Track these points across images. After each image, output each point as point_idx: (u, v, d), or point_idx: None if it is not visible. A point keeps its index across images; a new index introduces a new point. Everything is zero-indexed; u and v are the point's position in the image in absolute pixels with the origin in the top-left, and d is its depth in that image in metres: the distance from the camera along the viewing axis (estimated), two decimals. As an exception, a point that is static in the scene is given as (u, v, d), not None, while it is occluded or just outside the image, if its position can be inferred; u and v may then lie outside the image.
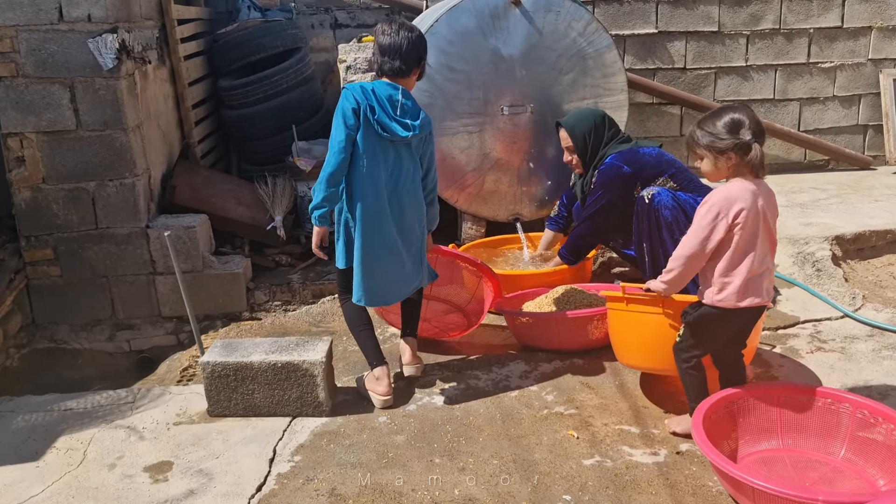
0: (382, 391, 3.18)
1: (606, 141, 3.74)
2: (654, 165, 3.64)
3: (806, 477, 2.56)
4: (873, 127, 6.16)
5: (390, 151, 3.10)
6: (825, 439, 2.64)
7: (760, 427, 2.71)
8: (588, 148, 3.74)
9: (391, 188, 3.11)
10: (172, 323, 4.44)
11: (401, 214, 3.15)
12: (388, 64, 3.08)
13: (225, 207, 4.74)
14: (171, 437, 3.06)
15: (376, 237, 3.12)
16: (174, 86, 4.98)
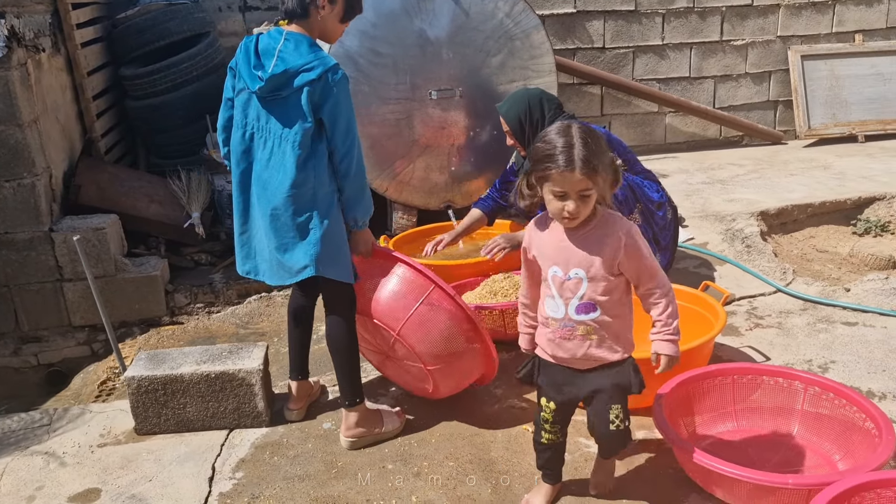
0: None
1: (551, 119, 3.66)
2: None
3: (765, 457, 2.56)
4: (783, 102, 6.36)
5: (252, 109, 2.54)
6: (780, 418, 2.66)
7: (716, 409, 2.70)
8: (525, 130, 3.65)
9: (242, 150, 2.59)
10: (85, 332, 4.13)
11: (258, 186, 2.59)
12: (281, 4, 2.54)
13: (136, 206, 4.42)
14: (97, 461, 2.80)
15: (239, 203, 2.72)
16: (72, 76, 4.60)
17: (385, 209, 4.56)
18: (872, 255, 4.19)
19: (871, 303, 3.57)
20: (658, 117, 6.20)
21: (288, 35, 2.49)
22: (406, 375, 2.95)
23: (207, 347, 3.08)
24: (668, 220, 3.60)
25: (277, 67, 2.43)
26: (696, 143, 6.31)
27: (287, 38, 2.48)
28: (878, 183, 5.08)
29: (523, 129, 3.65)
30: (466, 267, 3.87)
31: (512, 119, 3.65)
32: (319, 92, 2.44)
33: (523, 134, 3.67)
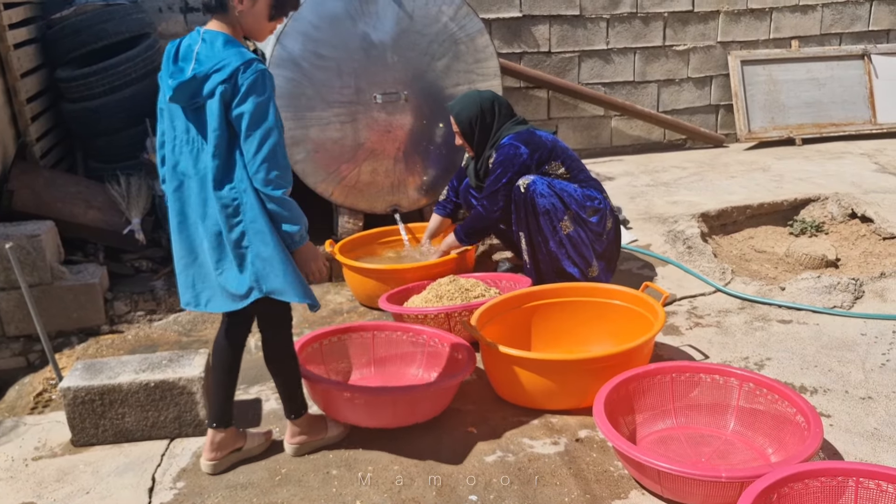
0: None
1: (500, 123, 3.68)
2: (550, 149, 3.63)
3: (700, 452, 2.62)
4: (724, 107, 6.52)
5: (178, 118, 2.35)
6: (716, 414, 2.72)
7: (656, 407, 2.74)
8: (475, 132, 3.67)
9: (171, 165, 2.41)
10: (19, 343, 3.99)
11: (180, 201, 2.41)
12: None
13: (73, 212, 4.30)
14: (32, 475, 2.72)
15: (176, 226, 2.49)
16: (4, 78, 4.46)
17: (331, 214, 4.52)
18: (807, 255, 4.32)
19: (804, 301, 3.68)
20: (604, 121, 6.29)
21: (205, 34, 2.28)
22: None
23: (147, 356, 3.02)
24: (604, 227, 3.63)
25: (193, 71, 2.23)
26: (641, 146, 6.42)
27: (203, 38, 2.26)
28: (814, 185, 5.24)
29: (473, 132, 3.68)
30: (412, 271, 3.87)
31: (463, 121, 3.68)
32: (230, 92, 2.22)
33: (473, 137, 3.69)
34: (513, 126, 3.67)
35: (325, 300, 4.20)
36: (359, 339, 3.23)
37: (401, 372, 3.21)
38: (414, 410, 2.80)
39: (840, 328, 3.46)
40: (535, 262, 3.69)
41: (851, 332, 3.43)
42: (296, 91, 4.06)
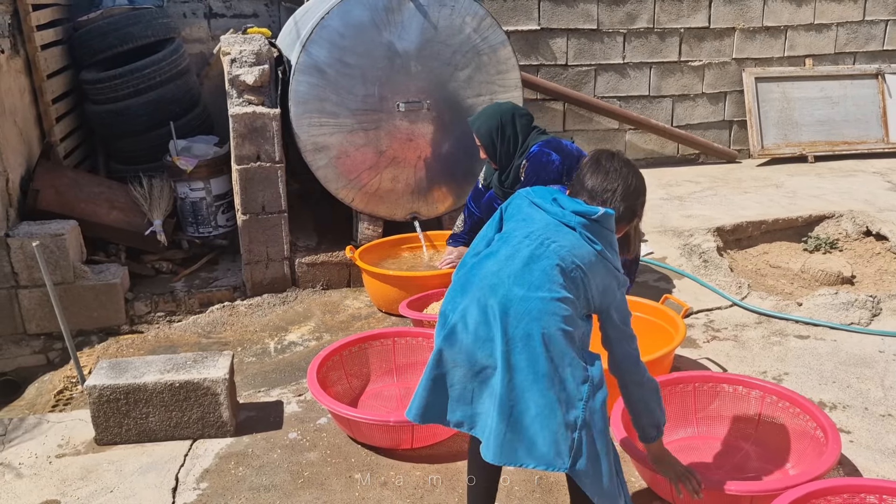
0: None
1: (524, 133, 3.70)
2: (577, 158, 3.66)
3: (721, 464, 2.64)
4: (738, 122, 6.55)
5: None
6: (738, 425, 2.74)
7: (677, 416, 2.76)
8: (497, 146, 3.70)
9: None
10: (40, 341, 4.03)
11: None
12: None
13: (96, 212, 4.35)
14: (55, 472, 2.74)
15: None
16: (31, 78, 4.51)
17: (351, 220, 4.56)
18: (822, 271, 4.34)
19: (821, 317, 3.70)
20: (618, 134, 6.33)
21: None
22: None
23: (171, 356, 3.05)
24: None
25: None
26: (655, 159, 6.45)
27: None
28: (828, 202, 5.26)
29: (495, 146, 3.69)
30: (433, 278, 3.89)
31: (484, 135, 3.69)
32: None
33: (495, 150, 3.71)
34: (538, 135, 3.71)
35: (343, 305, 4.23)
36: (380, 347, 3.24)
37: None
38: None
39: (858, 345, 3.48)
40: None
41: (869, 348, 3.45)
42: (320, 98, 4.10)
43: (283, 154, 4.19)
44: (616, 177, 2.12)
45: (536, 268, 1.94)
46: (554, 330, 1.88)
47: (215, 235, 4.71)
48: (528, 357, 1.88)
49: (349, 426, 2.81)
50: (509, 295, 1.92)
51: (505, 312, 1.91)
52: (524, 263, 1.96)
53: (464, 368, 1.98)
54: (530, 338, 1.88)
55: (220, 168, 4.62)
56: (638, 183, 2.16)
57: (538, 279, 1.92)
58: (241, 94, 4.11)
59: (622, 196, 2.11)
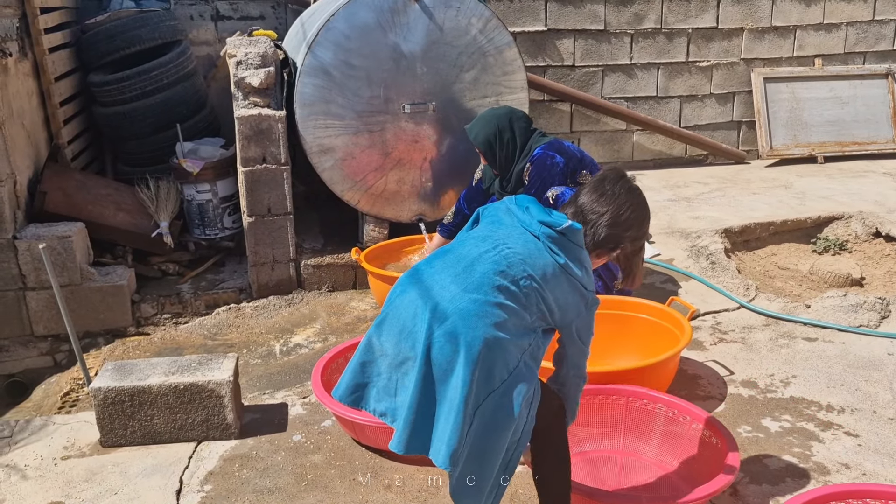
0: None
1: (523, 136, 3.68)
2: (579, 159, 3.65)
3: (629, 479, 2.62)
4: (746, 123, 6.51)
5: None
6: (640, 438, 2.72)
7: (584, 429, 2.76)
8: (496, 152, 3.66)
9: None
10: (47, 342, 4.05)
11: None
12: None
13: (103, 214, 4.36)
14: (60, 474, 2.75)
15: None
16: (38, 81, 4.53)
17: (356, 221, 4.56)
18: (831, 273, 4.31)
19: (830, 319, 3.67)
20: (626, 135, 6.30)
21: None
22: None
23: (176, 358, 3.05)
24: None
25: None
26: (663, 160, 6.42)
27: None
28: (837, 203, 5.23)
29: (495, 152, 3.66)
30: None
31: (482, 143, 3.66)
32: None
33: (495, 156, 3.68)
34: (539, 137, 3.69)
35: (349, 307, 4.23)
36: None
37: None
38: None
39: (866, 347, 3.45)
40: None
41: (878, 351, 3.41)
42: (326, 99, 4.10)
43: (289, 156, 4.20)
44: (610, 201, 2.07)
45: (479, 270, 1.90)
46: (480, 334, 1.82)
47: (221, 237, 4.72)
48: (445, 354, 1.83)
49: (353, 429, 2.81)
50: (443, 292, 1.89)
51: (434, 308, 1.86)
52: (469, 264, 1.93)
53: (389, 358, 1.95)
54: (453, 336, 1.82)
55: (226, 170, 4.63)
56: (632, 215, 2.08)
57: (477, 281, 1.88)
58: (247, 96, 4.12)
59: (608, 222, 2.05)
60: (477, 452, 1.87)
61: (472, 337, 1.82)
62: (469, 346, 1.81)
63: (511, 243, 1.96)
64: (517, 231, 1.99)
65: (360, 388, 2.00)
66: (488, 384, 1.85)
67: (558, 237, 1.96)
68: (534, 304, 1.92)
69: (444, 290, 1.89)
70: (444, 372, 1.83)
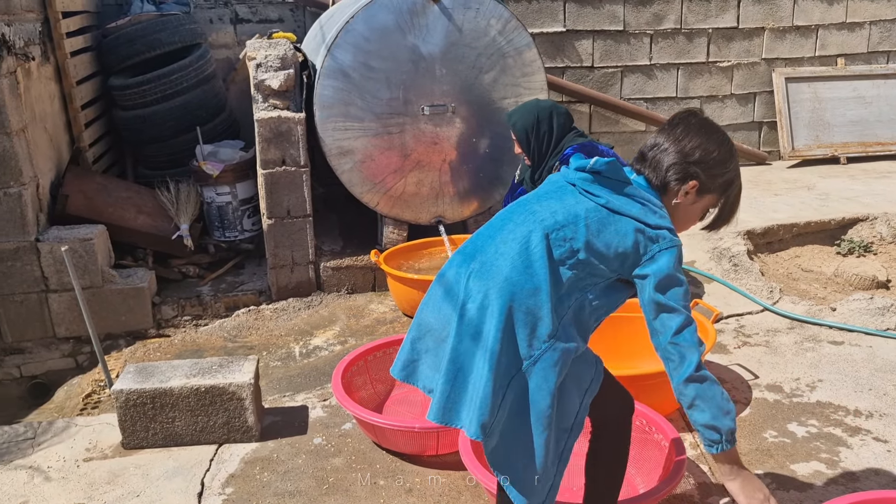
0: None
1: (560, 133, 3.66)
2: None
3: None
4: (768, 124, 6.45)
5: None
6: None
7: None
8: (531, 142, 3.67)
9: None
10: (69, 344, 4.07)
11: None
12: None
13: (124, 217, 4.38)
14: (83, 476, 2.76)
15: None
16: (60, 85, 4.56)
17: (376, 223, 4.55)
18: (857, 276, 4.25)
19: (856, 322, 3.61)
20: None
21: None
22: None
23: (197, 361, 3.05)
24: None
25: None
26: (682, 162, 6.37)
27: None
28: (861, 204, 5.15)
29: (529, 141, 3.66)
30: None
31: (519, 130, 3.67)
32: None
33: (529, 145, 3.69)
34: (575, 137, 3.67)
35: (368, 309, 4.23)
36: None
37: None
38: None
39: (894, 351, 3.39)
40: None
41: (906, 355, 3.36)
42: (345, 102, 4.10)
43: (309, 158, 4.20)
44: (669, 133, 1.87)
45: (512, 235, 1.80)
46: (507, 298, 1.72)
47: (241, 239, 4.74)
48: (475, 321, 1.74)
49: (374, 432, 2.80)
50: (476, 259, 1.81)
51: (468, 276, 1.79)
52: (503, 230, 1.84)
53: (434, 333, 1.87)
54: (483, 302, 1.74)
55: (245, 172, 4.64)
56: (696, 142, 1.84)
57: (508, 247, 1.79)
58: (267, 98, 4.12)
59: (667, 150, 1.85)
60: (514, 430, 1.75)
61: (501, 305, 1.72)
62: (499, 314, 1.71)
63: (545, 200, 1.85)
64: (555, 187, 1.89)
65: (411, 364, 1.92)
66: (521, 353, 1.73)
67: (593, 177, 1.83)
68: (573, 257, 1.76)
69: (478, 262, 1.81)
70: (475, 340, 1.75)
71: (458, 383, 1.77)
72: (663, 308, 1.77)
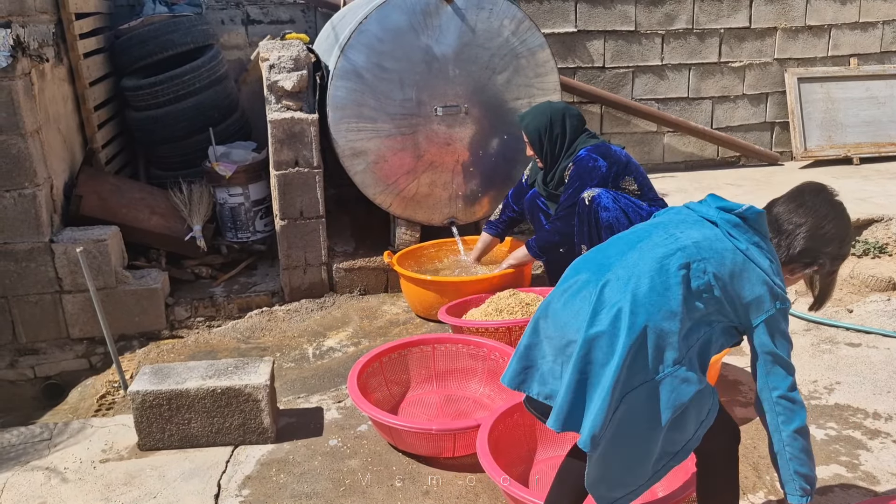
0: None
1: (573, 135, 3.66)
2: (625, 164, 3.62)
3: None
4: (780, 124, 6.41)
5: None
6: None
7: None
8: (544, 144, 3.67)
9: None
10: (83, 345, 4.08)
11: None
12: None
13: (137, 217, 4.38)
14: (99, 477, 2.76)
15: None
16: (73, 86, 4.57)
17: (388, 225, 4.54)
18: (873, 277, 4.22)
19: (873, 324, 3.59)
20: (657, 137, 6.23)
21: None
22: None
23: (213, 362, 3.05)
24: None
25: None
26: (694, 162, 6.34)
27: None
28: (875, 205, 5.11)
29: (542, 144, 3.67)
30: (472, 283, 3.86)
31: (531, 132, 3.67)
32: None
33: (542, 147, 3.69)
34: (587, 139, 3.66)
35: (381, 311, 4.22)
36: (419, 353, 3.22)
37: (462, 387, 3.19)
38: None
39: (912, 353, 3.37)
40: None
41: (925, 357, 3.33)
42: (358, 102, 4.09)
43: (321, 159, 4.19)
44: (809, 212, 1.94)
45: (649, 255, 1.83)
46: (645, 320, 1.74)
47: (254, 241, 4.74)
48: (606, 337, 1.76)
49: (391, 434, 2.79)
50: (610, 276, 1.83)
51: (602, 290, 1.81)
52: (640, 248, 1.85)
53: (553, 341, 1.88)
54: (617, 320, 1.76)
55: (258, 173, 4.64)
56: (833, 230, 1.95)
57: (646, 266, 1.81)
58: (280, 99, 4.12)
59: (806, 234, 1.92)
60: (617, 441, 1.77)
61: (635, 321, 1.74)
62: (630, 329, 1.73)
63: (685, 229, 1.87)
64: (692, 219, 1.91)
65: (525, 371, 1.93)
66: (644, 372, 1.75)
67: (739, 222, 1.86)
68: (708, 292, 1.80)
69: (614, 274, 1.83)
70: (604, 354, 1.76)
71: (581, 392, 1.79)
72: (779, 361, 1.86)
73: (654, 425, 1.77)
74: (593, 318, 1.79)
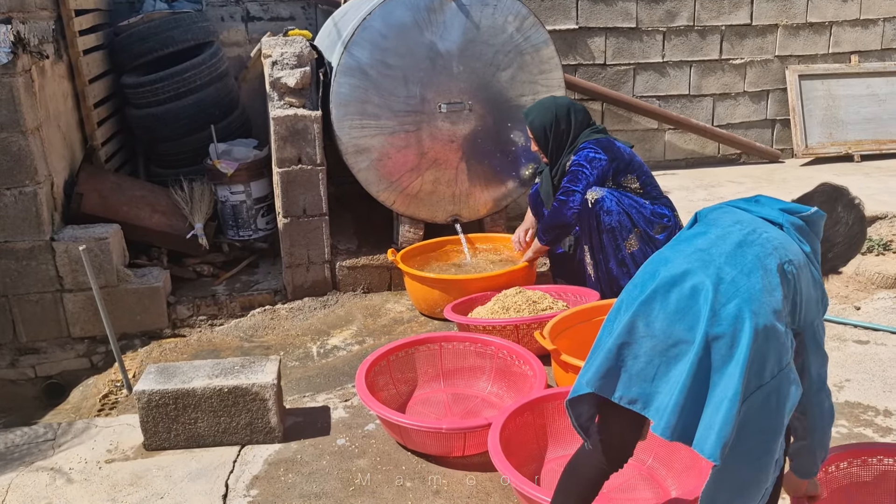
0: None
1: (577, 130, 3.65)
2: (628, 161, 3.61)
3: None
4: (781, 121, 6.41)
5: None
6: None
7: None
8: (549, 139, 3.65)
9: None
10: (84, 344, 4.04)
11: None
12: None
13: (138, 216, 4.35)
14: (105, 478, 2.73)
15: None
16: (73, 83, 4.53)
17: (391, 222, 4.52)
18: (879, 274, 4.21)
19: (881, 321, 3.58)
20: (657, 134, 6.22)
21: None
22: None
23: (218, 361, 3.02)
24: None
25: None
26: (695, 160, 6.33)
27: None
28: (878, 202, 5.11)
29: (547, 139, 3.66)
30: (477, 281, 3.84)
31: (537, 128, 3.66)
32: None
33: (547, 143, 3.67)
34: (591, 133, 3.65)
35: (385, 309, 4.19)
36: (426, 352, 3.20)
37: (470, 385, 3.17)
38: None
39: (921, 350, 3.36)
40: (598, 276, 3.67)
41: (933, 354, 3.33)
42: (362, 99, 4.06)
43: (324, 157, 4.16)
44: (844, 232, 1.94)
45: (749, 253, 1.77)
46: (764, 321, 1.69)
47: (255, 238, 4.70)
48: (728, 338, 1.70)
49: (399, 433, 2.77)
50: (720, 273, 1.75)
51: (716, 289, 1.73)
52: (736, 246, 1.79)
53: (655, 340, 1.78)
54: (738, 320, 1.69)
55: (259, 171, 4.60)
56: (853, 251, 1.97)
57: (751, 264, 1.76)
58: (283, 96, 4.09)
59: (836, 255, 1.94)
60: (738, 450, 1.71)
61: (756, 322, 1.69)
62: (753, 331, 1.68)
63: (764, 229, 1.83)
64: (758, 220, 1.87)
65: (611, 373, 1.83)
66: (759, 376, 1.70)
67: (803, 225, 1.84)
68: (790, 294, 1.77)
69: (722, 271, 1.76)
70: (723, 356, 1.70)
71: (699, 398, 1.72)
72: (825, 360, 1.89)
73: (765, 432, 1.73)
74: (713, 318, 1.72)
